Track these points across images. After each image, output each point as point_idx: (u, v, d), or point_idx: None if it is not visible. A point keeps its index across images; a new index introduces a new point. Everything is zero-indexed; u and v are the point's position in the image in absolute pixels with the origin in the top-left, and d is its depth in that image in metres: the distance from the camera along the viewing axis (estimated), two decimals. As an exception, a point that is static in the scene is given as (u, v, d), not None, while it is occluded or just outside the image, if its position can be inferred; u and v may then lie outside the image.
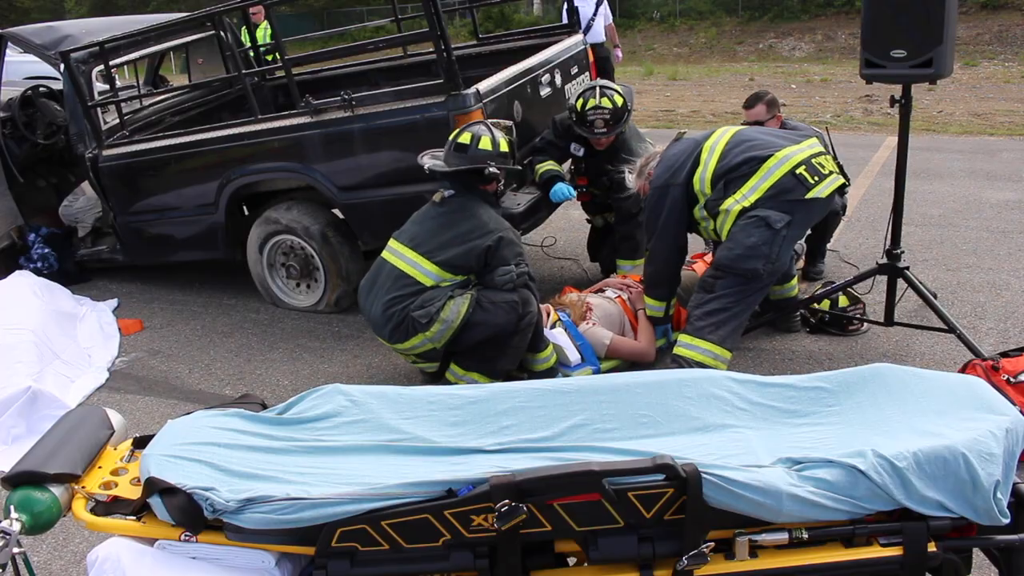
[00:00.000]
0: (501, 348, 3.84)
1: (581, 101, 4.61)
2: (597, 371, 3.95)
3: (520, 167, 4.31)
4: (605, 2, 9.70)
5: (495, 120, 4.11)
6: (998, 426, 1.93)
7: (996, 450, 1.88)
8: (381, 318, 3.79)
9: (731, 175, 3.77)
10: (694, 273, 4.58)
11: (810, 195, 3.69)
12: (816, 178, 3.71)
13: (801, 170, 3.70)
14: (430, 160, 3.94)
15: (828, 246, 5.26)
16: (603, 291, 4.52)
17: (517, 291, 3.78)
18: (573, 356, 4.01)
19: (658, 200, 3.91)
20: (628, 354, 4.13)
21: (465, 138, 3.86)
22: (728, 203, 3.73)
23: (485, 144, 3.85)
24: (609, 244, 5.13)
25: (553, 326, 4.10)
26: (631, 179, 4.25)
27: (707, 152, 3.87)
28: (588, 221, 5.38)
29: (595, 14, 9.47)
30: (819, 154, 3.83)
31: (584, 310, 4.21)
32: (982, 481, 1.84)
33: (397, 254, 3.84)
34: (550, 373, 3.96)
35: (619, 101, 4.59)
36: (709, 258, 4.56)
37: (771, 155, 3.74)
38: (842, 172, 3.88)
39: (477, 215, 3.82)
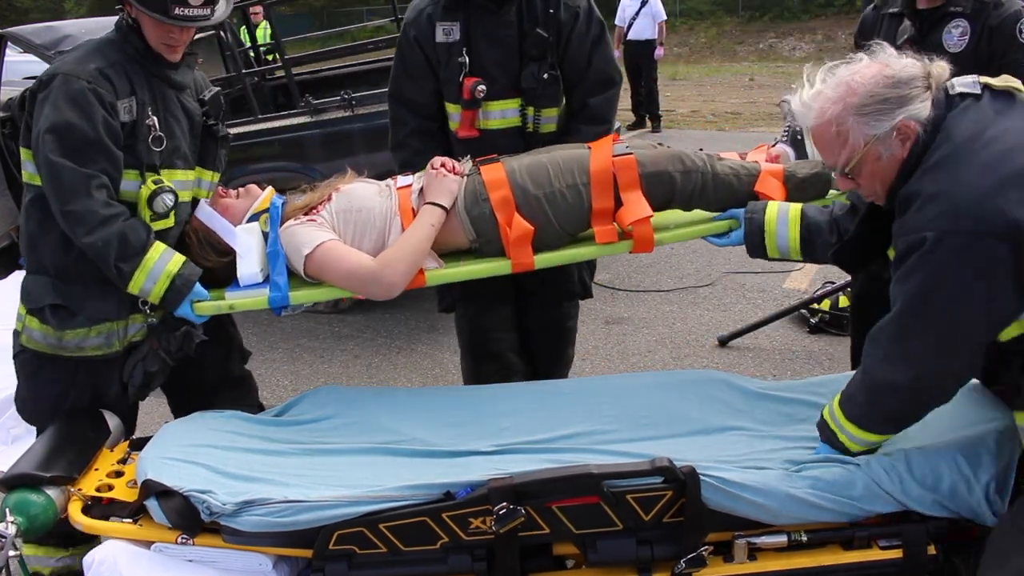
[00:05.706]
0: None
1: None
2: (280, 299, 2.34)
3: None
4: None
5: None
6: (997, 427, 1.93)
7: (995, 450, 1.88)
8: None
9: None
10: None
11: None
12: None
13: None
14: None
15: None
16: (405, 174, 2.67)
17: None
18: (248, 268, 2.40)
19: (962, 258, 1.65)
20: (342, 276, 2.32)
21: None
22: None
23: None
24: None
25: (255, 217, 2.54)
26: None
27: None
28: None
29: (638, 13, 9.75)
30: None
31: (321, 200, 2.50)
32: (981, 482, 1.84)
33: None
34: (173, 298, 2.27)
35: None
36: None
37: None
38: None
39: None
